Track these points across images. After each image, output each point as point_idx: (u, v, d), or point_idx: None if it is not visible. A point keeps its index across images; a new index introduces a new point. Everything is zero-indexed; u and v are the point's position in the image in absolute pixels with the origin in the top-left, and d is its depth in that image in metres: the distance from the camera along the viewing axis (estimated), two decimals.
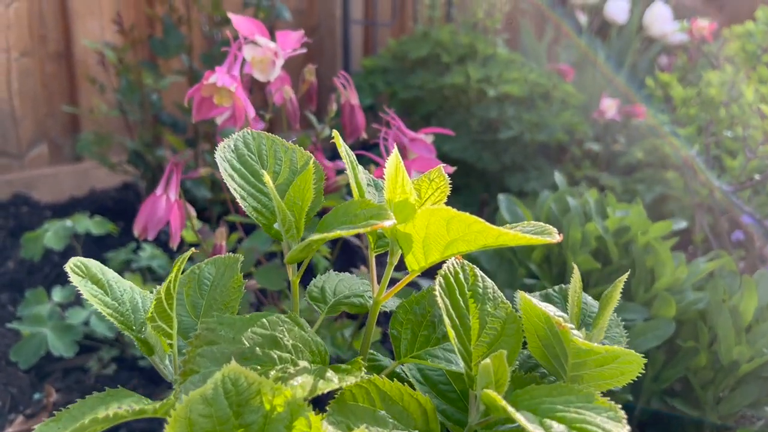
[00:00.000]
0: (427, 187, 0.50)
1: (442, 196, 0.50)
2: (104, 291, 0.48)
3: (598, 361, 0.49)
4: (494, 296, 0.49)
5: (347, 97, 0.87)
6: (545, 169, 1.82)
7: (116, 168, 1.61)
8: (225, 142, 0.51)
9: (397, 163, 0.48)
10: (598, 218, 1.08)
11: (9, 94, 1.79)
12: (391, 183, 0.48)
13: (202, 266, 0.57)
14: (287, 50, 0.85)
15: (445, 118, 1.87)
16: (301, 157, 0.52)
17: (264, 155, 0.52)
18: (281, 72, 0.88)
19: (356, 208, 0.46)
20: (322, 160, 1.08)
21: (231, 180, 0.49)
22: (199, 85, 0.76)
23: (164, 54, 1.57)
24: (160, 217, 0.74)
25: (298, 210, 0.48)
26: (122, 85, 1.58)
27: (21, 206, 1.75)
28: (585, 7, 2.42)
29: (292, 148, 0.53)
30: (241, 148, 0.51)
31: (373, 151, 1.71)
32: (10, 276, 1.37)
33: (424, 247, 0.46)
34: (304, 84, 0.94)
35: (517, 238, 0.43)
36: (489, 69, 1.84)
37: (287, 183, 0.51)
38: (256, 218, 0.49)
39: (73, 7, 1.86)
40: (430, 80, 1.86)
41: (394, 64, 1.97)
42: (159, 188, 0.77)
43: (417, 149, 0.90)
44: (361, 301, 0.52)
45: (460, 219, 0.43)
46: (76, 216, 1.26)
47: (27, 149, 1.84)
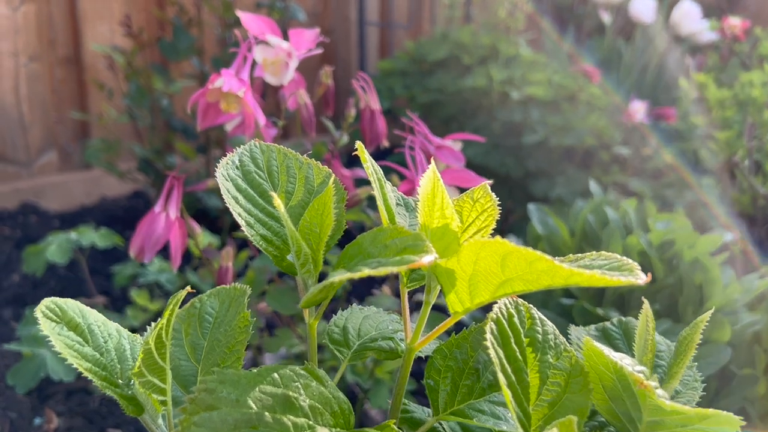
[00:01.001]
0: (471, 209, 0.41)
1: (490, 221, 0.41)
2: (83, 339, 0.39)
3: (680, 420, 0.40)
4: (556, 343, 0.40)
5: (367, 102, 0.78)
6: (571, 175, 1.72)
7: (125, 176, 1.54)
8: (228, 158, 0.42)
9: (435, 180, 0.39)
10: (639, 231, 0.98)
11: (17, 100, 1.72)
12: (427, 205, 0.39)
13: (203, 299, 0.49)
14: (302, 51, 0.76)
15: (465, 121, 1.78)
16: (318, 173, 0.44)
17: (275, 172, 0.43)
18: (295, 74, 0.79)
19: (386, 237, 0.37)
20: (341, 169, 0.99)
21: (235, 203, 0.40)
22: (204, 90, 0.68)
23: (174, 57, 1.49)
24: (159, 237, 0.66)
25: (316, 239, 0.39)
26: (131, 90, 1.50)
27: (29, 215, 1.68)
28: (609, 5, 2.31)
29: (307, 163, 0.44)
30: (247, 163, 0.43)
31: (391, 159, 1.62)
32: (14, 290, 1.30)
33: (470, 286, 0.37)
34: (320, 88, 0.86)
35: (593, 279, 0.34)
36: (512, 70, 1.74)
37: (302, 205, 0.42)
38: (265, 249, 0.40)
39: (83, 10, 1.80)
40: (450, 83, 1.77)
41: (412, 67, 1.88)
42: (158, 204, 0.68)
43: (444, 158, 0.81)
44: (391, 345, 0.43)
45: (520, 255, 0.34)
46: (81, 228, 1.19)
47: (36, 156, 1.77)
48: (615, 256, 0.38)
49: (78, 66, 1.82)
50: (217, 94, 0.68)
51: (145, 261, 0.67)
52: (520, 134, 1.71)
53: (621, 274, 0.35)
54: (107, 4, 1.84)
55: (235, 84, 0.65)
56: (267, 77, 0.77)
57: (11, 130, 1.71)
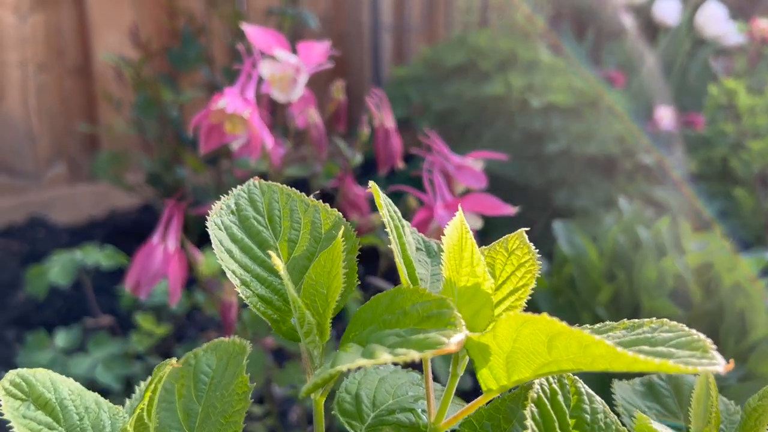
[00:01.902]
0: (505, 262, 0.35)
1: (529, 278, 0.34)
2: (54, 418, 0.33)
3: None
4: (606, 423, 0.33)
5: (381, 120, 0.72)
6: (595, 184, 1.65)
7: (133, 190, 1.49)
8: (223, 202, 0.36)
9: (462, 230, 0.33)
10: (674, 252, 0.91)
11: (26, 112, 1.68)
12: (453, 258, 0.33)
13: (199, 355, 0.43)
14: (311, 65, 0.70)
15: (483, 130, 1.71)
16: (326, 217, 0.38)
17: (276, 217, 0.37)
18: (305, 90, 0.74)
19: (405, 301, 0.31)
20: (354, 188, 0.93)
21: (229, 258, 0.34)
22: (207, 111, 0.62)
23: (183, 67, 1.44)
24: (156, 272, 0.60)
25: (323, 302, 0.33)
26: (139, 101, 1.45)
27: (37, 229, 1.64)
28: (630, 7, 2.24)
29: (313, 206, 0.38)
30: (245, 207, 0.37)
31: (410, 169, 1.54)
32: (18, 310, 1.25)
33: (507, 364, 0.30)
34: (332, 104, 0.80)
35: (664, 366, 0.27)
36: (531, 76, 1.67)
37: (307, 256, 0.36)
38: (263, 312, 0.34)
39: (93, 20, 1.75)
40: (467, 89, 1.70)
41: (427, 73, 1.82)
42: (156, 235, 0.63)
43: (464, 178, 0.75)
44: (411, 419, 0.37)
45: (571, 337, 0.27)
46: (86, 247, 1.14)
47: (45, 169, 1.73)
48: (682, 328, 0.31)
49: (87, 76, 1.78)
50: (221, 115, 0.62)
51: (142, 297, 0.62)
52: (540, 142, 1.64)
53: (696, 360, 0.28)
54: (117, 13, 1.79)
55: (239, 105, 0.59)
56: (274, 94, 0.71)
57: (20, 142, 1.67)
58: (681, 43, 2.14)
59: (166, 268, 0.61)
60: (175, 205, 0.64)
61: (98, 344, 0.99)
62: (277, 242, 0.36)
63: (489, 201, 0.62)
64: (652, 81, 2.08)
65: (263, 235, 0.36)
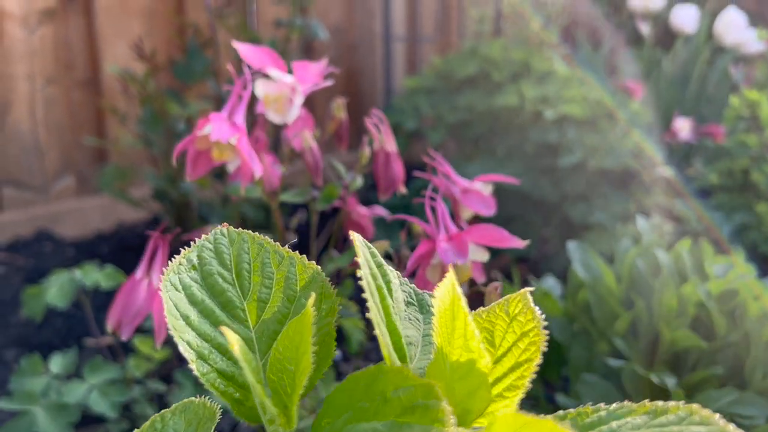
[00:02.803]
0: (506, 329, 0.30)
1: (533, 353, 0.29)
2: None
3: None
4: None
5: (381, 144, 0.67)
6: (611, 198, 1.58)
7: (139, 205, 1.45)
8: (184, 255, 0.32)
9: (454, 297, 0.28)
10: (695, 277, 0.85)
11: (34, 125, 1.66)
12: (445, 325, 0.28)
13: (166, 418, 0.38)
14: (308, 85, 0.66)
15: (495, 142, 1.66)
16: (302, 271, 0.33)
17: (245, 271, 0.32)
18: (301, 111, 0.69)
19: (387, 384, 0.26)
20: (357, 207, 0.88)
21: (185, 326, 0.29)
22: (192, 137, 0.58)
23: (188, 80, 1.40)
24: (139, 310, 0.56)
25: (290, 381, 0.28)
26: (145, 115, 1.42)
27: (44, 243, 1.61)
28: (647, 15, 2.17)
29: (289, 258, 0.33)
30: (209, 261, 0.32)
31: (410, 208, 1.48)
32: (18, 329, 1.22)
33: None
34: (333, 122, 0.75)
35: None
36: (545, 87, 1.62)
37: (279, 319, 0.31)
38: (223, 392, 0.29)
39: (101, 32, 1.73)
40: (480, 101, 1.65)
41: (439, 84, 1.77)
42: (139, 269, 0.58)
43: (471, 203, 0.70)
44: None
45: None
46: (86, 266, 1.10)
47: (52, 182, 1.70)
48: (715, 421, 0.26)
49: (96, 89, 1.75)
50: (207, 141, 0.58)
51: (123, 338, 0.57)
52: (554, 155, 1.58)
53: None
54: (126, 26, 1.76)
55: (225, 132, 0.55)
56: (269, 115, 0.67)
57: (27, 155, 1.65)
58: (700, 51, 2.07)
59: (150, 305, 0.57)
60: (160, 237, 0.59)
61: (94, 370, 0.95)
62: (245, 302, 0.32)
63: (496, 233, 0.56)
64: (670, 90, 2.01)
65: (228, 295, 0.31)
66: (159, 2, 1.82)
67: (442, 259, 0.54)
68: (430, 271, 0.58)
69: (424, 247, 0.57)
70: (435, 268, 0.57)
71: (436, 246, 0.56)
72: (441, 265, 0.57)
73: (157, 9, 1.81)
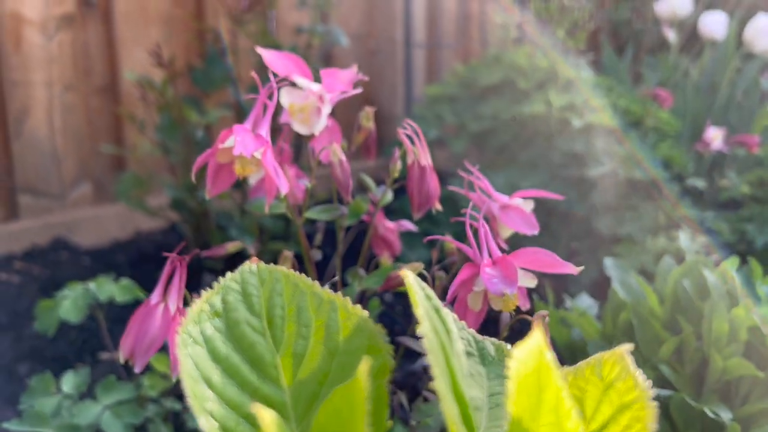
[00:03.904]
0: (599, 398, 0.24)
1: (641, 428, 0.23)
2: None
3: None
4: None
5: (416, 157, 0.61)
6: (641, 210, 1.51)
7: (156, 214, 1.41)
8: (205, 300, 0.26)
9: (541, 361, 0.22)
10: (746, 299, 0.79)
11: (51, 132, 1.62)
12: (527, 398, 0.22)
13: None
14: (335, 93, 0.60)
15: (520, 151, 1.60)
16: (346, 318, 0.27)
17: (278, 318, 0.27)
18: (329, 121, 0.64)
19: None
20: (384, 221, 0.83)
21: (205, 391, 0.24)
22: (213, 150, 0.52)
23: (207, 87, 1.36)
24: (154, 339, 0.50)
25: None
26: (163, 123, 1.38)
27: (60, 251, 1.57)
28: (673, 21, 2.10)
29: (329, 302, 0.27)
30: (235, 306, 0.26)
31: (433, 218, 1.41)
32: (32, 342, 1.18)
33: None
34: (360, 133, 0.70)
35: None
36: (573, 95, 1.55)
37: (318, 378, 0.26)
38: None
39: (120, 38, 1.69)
40: (505, 109, 1.59)
41: (462, 92, 1.71)
42: (155, 293, 0.53)
43: (511, 221, 0.64)
44: None
45: None
46: (100, 279, 1.05)
47: (69, 189, 1.67)
48: None
49: (114, 95, 1.71)
50: (230, 154, 0.52)
51: (137, 370, 0.52)
52: (582, 165, 1.51)
53: None
54: (145, 31, 1.73)
55: (249, 145, 0.49)
56: (295, 125, 0.61)
57: (44, 162, 1.61)
58: (729, 58, 1.99)
59: (165, 332, 0.51)
60: (177, 258, 0.54)
61: (107, 389, 0.90)
62: (277, 356, 0.26)
63: (547, 257, 0.50)
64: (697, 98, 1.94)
65: (258, 348, 0.26)
66: (178, 8, 1.78)
67: (488, 288, 0.48)
68: (472, 299, 0.52)
69: (465, 272, 0.51)
70: (477, 295, 0.52)
71: (480, 272, 0.50)
72: (485, 294, 0.51)
73: (177, 15, 1.77)
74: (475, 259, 0.53)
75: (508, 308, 0.50)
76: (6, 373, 1.09)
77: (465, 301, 0.53)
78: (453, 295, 0.51)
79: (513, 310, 0.52)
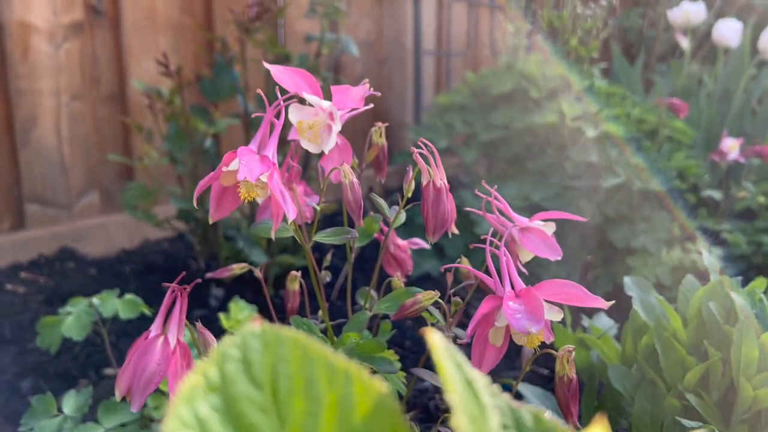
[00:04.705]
0: None
1: None
2: None
3: None
4: None
5: (431, 177, 0.57)
6: (655, 221, 1.47)
7: (162, 225, 1.37)
8: (199, 370, 0.22)
9: None
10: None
11: (58, 141, 1.59)
12: None
13: None
14: (346, 110, 0.56)
15: (532, 161, 1.55)
16: (363, 393, 0.23)
17: (284, 390, 0.23)
18: (339, 140, 0.60)
19: None
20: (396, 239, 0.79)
21: None
22: (217, 172, 0.49)
23: (215, 98, 1.32)
24: (153, 375, 0.47)
25: None
26: (170, 133, 1.34)
27: (66, 261, 1.54)
28: (687, 29, 2.05)
29: (344, 373, 0.23)
30: (234, 379, 0.22)
31: (452, 239, 1.36)
32: (36, 357, 1.14)
33: None
34: (372, 150, 0.66)
35: None
36: (586, 104, 1.51)
37: None
38: None
39: (128, 46, 1.66)
40: (517, 118, 1.55)
41: (472, 101, 1.67)
42: (154, 325, 0.49)
43: (532, 246, 0.60)
44: None
45: None
46: (104, 295, 1.02)
47: (76, 199, 1.63)
48: None
49: (122, 104, 1.68)
50: (234, 177, 0.49)
51: (133, 409, 0.48)
52: (595, 175, 1.47)
53: None
54: (153, 39, 1.70)
55: (255, 169, 0.45)
56: (303, 144, 0.57)
57: (51, 172, 1.58)
58: (744, 66, 1.94)
59: (165, 368, 0.47)
60: (178, 288, 0.50)
61: (109, 411, 0.86)
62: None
63: (574, 290, 0.46)
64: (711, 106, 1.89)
65: (260, 430, 0.22)
66: (187, 17, 1.75)
67: (512, 325, 0.44)
68: (494, 334, 0.48)
69: (487, 305, 0.47)
70: (499, 330, 0.47)
71: (503, 306, 0.46)
72: (507, 330, 0.46)
73: (186, 24, 1.74)
74: (496, 290, 0.49)
75: (532, 345, 0.46)
76: (8, 389, 1.05)
77: (485, 337, 0.48)
78: (473, 331, 0.46)
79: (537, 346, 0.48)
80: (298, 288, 0.73)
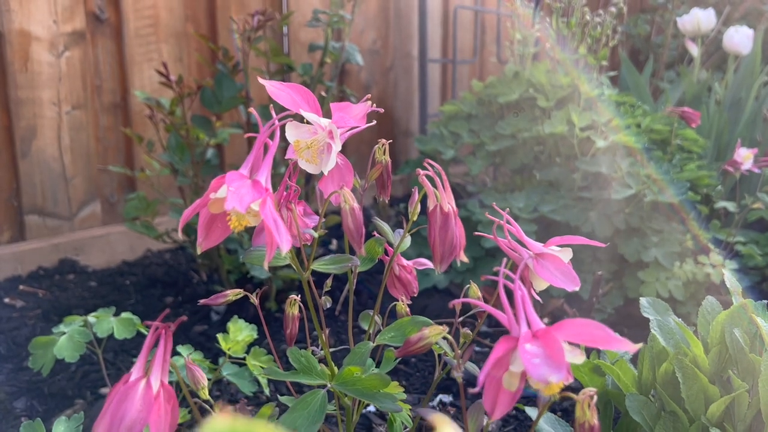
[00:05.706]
0: None
1: None
2: None
3: None
4: None
5: (438, 201, 0.52)
6: (667, 233, 1.41)
7: (162, 238, 1.33)
8: None
9: None
10: None
11: (59, 151, 1.55)
12: None
13: None
14: (346, 128, 0.51)
15: (540, 171, 1.50)
16: None
17: None
18: (339, 159, 0.55)
19: None
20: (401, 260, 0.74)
21: None
22: (204, 199, 0.44)
23: (216, 108, 1.28)
24: (132, 424, 0.42)
25: None
26: (171, 143, 1.30)
27: (66, 274, 1.49)
28: (697, 36, 1.99)
29: None
30: None
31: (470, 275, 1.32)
32: (31, 375, 1.09)
33: None
34: (375, 169, 0.61)
35: None
36: (595, 114, 1.45)
37: None
38: None
39: (130, 55, 1.62)
40: (525, 128, 1.50)
41: (479, 110, 1.62)
42: (136, 366, 0.44)
43: (547, 274, 0.55)
44: None
45: None
46: (100, 313, 0.97)
47: (77, 210, 1.59)
48: None
49: (124, 113, 1.64)
50: (222, 205, 0.44)
51: None
52: (605, 186, 1.41)
53: None
54: (156, 48, 1.65)
55: (245, 197, 0.40)
56: (301, 164, 0.53)
57: (52, 182, 1.54)
58: (755, 73, 1.88)
59: (147, 415, 0.42)
60: (162, 327, 0.45)
61: None
62: None
63: (598, 331, 0.41)
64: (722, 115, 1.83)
65: None
66: (190, 25, 1.71)
67: (530, 374, 0.39)
68: (508, 379, 0.43)
69: (502, 346, 0.42)
70: (514, 375, 0.42)
71: (519, 350, 0.41)
72: (523, 375, 0.41)
73: (189, 32, 1.70)
74: (510, 329, 0.44)
75: (550, 392, 0.41)
76: (1, 410, 1.01)
77: (499, 380, 0.43)
78: (485, 378, 0.41)
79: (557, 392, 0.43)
80: (297, 312, 0.68)
